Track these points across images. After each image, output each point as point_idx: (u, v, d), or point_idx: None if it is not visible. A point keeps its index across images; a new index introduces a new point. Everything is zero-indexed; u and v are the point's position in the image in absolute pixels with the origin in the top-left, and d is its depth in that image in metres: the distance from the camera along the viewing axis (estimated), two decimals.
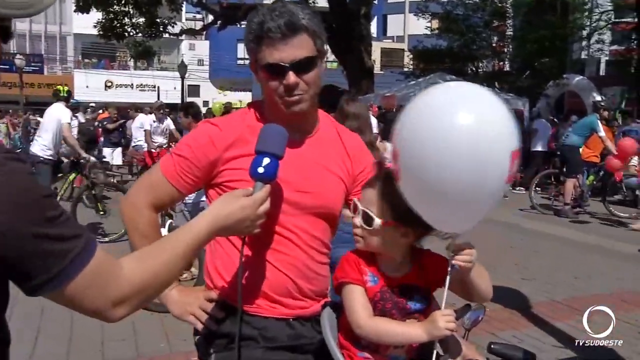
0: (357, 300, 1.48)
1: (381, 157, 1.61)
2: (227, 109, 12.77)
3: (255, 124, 1.57)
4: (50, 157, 6.86)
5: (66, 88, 7.50)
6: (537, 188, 10.63)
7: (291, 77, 1.50)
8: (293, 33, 1.50)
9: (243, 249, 1.47)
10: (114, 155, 13.24)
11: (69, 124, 7.05)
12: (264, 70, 1.54)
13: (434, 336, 1.42)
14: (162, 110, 10.94)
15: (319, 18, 1.58)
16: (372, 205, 1.49)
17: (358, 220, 1.51)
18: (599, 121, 9.33)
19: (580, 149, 9.71)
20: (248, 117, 1.64)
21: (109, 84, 37.53)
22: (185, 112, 6.90)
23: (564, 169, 10.02)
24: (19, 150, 11.68)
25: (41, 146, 6.82)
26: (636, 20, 18.49)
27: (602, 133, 9.26)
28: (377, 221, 1.47)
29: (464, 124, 1.30)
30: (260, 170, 1.38)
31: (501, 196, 1.45)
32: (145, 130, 10.75)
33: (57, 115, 6.93)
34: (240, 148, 1.55)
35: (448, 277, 1.46)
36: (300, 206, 1.59)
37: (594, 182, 10.00)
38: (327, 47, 1.74)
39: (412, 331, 1.45)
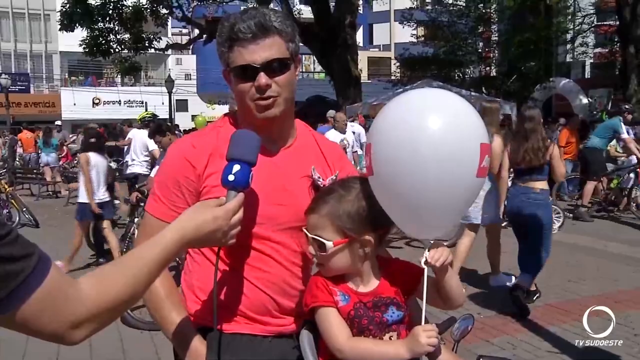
0: (333, 323, 1.42)
1: (314, 179, 1.57)
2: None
3: (230, 134, 1.46)
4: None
5: (148, 114, 8.69)
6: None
7: (262, 78, 1.45)
8: (264, 34, 1.45)
9: (217, 262, 1.40)
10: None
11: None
12: (234, 74, 1.50)
13: (416, 353, 1.37)
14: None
15: (292, 22, 1.53)
16: (320, 229, 1.45)
17: (312, 249, 1.48)
18: (622, 124, 9.29)
19: (603, 152, 9.67)
20: (222, 129, 1.58)
21: (97, 101, 37.37)
22: (160, 133, 6.65)
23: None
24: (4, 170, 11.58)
25: (142, 166, 8.42)
26: (618, 22, 18.69)
27: (625, 135, 9.20)
28: (329, 244, 1.43)
29: (429, 123, 1.34)
30: (231, 177, 1.31)
31: (475, 194, 1.42)
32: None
33: (145, 141, 8.42)
34: (217, 162, 1.47)
35: (425, 288, 1.42)
36: (280, 220, 1.52)
37: (618, 185, 9.79)
38: (310, 56, 1.70)
39: (393, 349, 1.40)
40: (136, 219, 6.15)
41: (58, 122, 18.02)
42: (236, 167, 1.32)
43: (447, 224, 1.48)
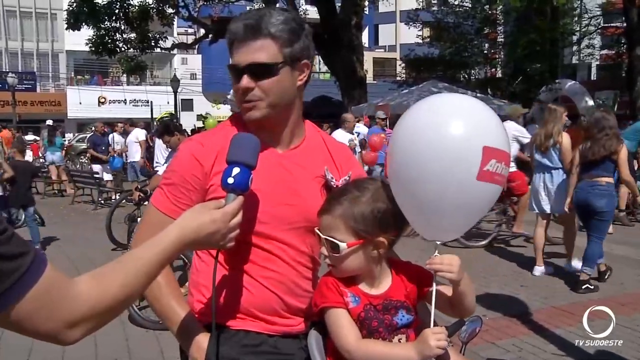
0: (342, 324, 1.42)
1: (327, 179, 1.57)
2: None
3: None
4: None
5: (166, 114, 8.09)
6: None
7: (243, 80, 1.46)
8: (254, 36, 1.45)
9: (216, 265, 1.39)
10: (103, 171, 13.07)
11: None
12: (229, 73, 1.51)
13: (426, 356, 1.37)
14: None
15: (297, 25, 1.51)
16: (333, 230, 1.44)
17: (325, 250, 1.47)
18: None
19: (632, 154, 9.57)
20: (230, 129, 1.58)
21: (102, 100, 37.53)
22: (168, 133, 6.45)
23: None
24: None
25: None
26: (624, 24, 18.62)
27: None
28: (343, 245, 1.42)
29: (427, 124, 1.38)
30: (230, 180, 1.31)
31: (480, 197, 1.39)
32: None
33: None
34: (224, 162, 1.46)
35: (434, 293, 1.42)
36: (286, 220, 1.52)
37: None
38: (315, 56, 1.68)
39: (403, 352, 1.40)
40: (139, 219, 6.17)
41: (49, 122, 17.93)
42: (236, 170, 1.32)
43: (453, 227, 1.47)
